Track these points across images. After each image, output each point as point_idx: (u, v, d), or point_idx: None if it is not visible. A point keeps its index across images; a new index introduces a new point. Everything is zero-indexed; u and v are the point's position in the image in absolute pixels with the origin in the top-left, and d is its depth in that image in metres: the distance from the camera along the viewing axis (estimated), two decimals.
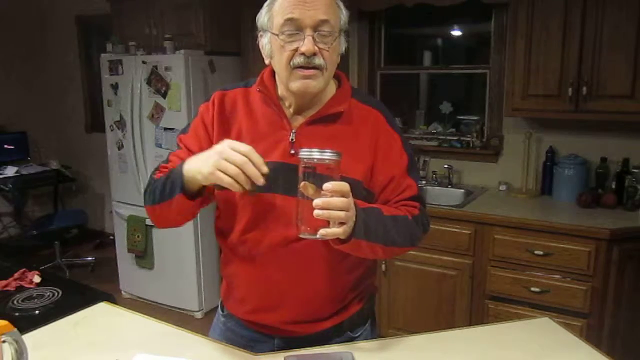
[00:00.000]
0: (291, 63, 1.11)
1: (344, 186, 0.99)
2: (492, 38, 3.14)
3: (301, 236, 1.03)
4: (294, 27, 1.09)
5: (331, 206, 0.98)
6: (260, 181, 0.99)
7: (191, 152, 1.21)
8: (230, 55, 3.56)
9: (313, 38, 1.09)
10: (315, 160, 1.00)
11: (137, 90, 3.47)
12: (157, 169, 1.25)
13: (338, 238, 1.04)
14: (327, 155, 1.00)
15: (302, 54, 1.09)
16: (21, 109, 4.85)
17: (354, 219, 1.03)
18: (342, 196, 0.99)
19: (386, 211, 1.15)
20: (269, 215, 1.17)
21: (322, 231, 1.00)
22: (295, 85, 1.12)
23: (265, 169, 1.00)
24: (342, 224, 1.01)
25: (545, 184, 2.97)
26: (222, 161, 0.99)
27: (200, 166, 1.04)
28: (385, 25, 3.59)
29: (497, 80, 3.13)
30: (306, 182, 1.00)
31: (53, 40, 4.98)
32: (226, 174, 0.99)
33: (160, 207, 1.15)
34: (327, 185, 0.98)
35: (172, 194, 1.10)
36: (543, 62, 2.65)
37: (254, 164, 0.99)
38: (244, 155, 0.99)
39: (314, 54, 1.09)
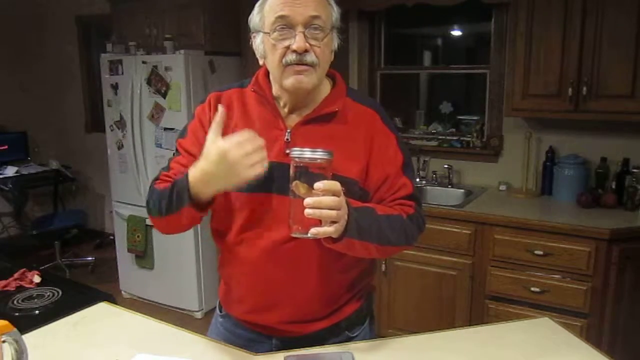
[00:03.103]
0: (283, 61, 1.11)
1: (335, 185, 1.00)
2: (492, 38, 3.14)
3: (293, 235, 1.03)
4: (285, 24, 1.10)
5: (322, 205, 0.98)
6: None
7: (192, 156, 1.21)
8: (230, 55, 3.56)
9: (304, 35, 1.09)
10: (306, 159, 1.00)
11: (137, 90, 3.47)
12: (157, 177, 1.24)
13: (330, 237, 1.04)
14: (319, 154, 1.00)
15: (294, 51, 1.09)
16: (21, 109, 4.85)
17: (346, 218, 1.04)
18: (334, 195, 0.99)
19: (380, 210, 1.15)
20: (264, 215, 1.17)
21: (314, 230, 1.00)
22: (289, 81, 1.13)
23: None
24: (333, 222, 1.01)
25: (545, 184, 2.97)
26: (242, 163, 0.99)
27: (224, 183, 1.04)
28: (385, 25, 3.59)
29: (497, 80, 3.13)
30: (298, 182, 1.00)
31: (53, 41, 4.98)
32: (252, 167, 1.00)
33: (167, 219, 1.16)
34: (318, 185, 0.98)
35: (179, 207, 1.10)
36: (543, 62, 2.65)
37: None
38: (246, 142, 1.00)
39: (306, 51, 1.10)
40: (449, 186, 3.23)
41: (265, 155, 1.01)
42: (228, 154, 0.99)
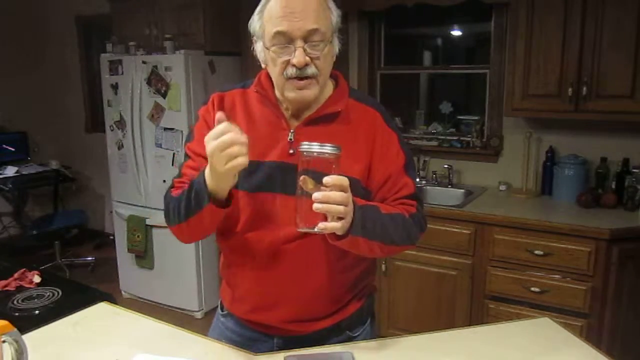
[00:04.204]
0: (284, 74, 1.11)
1: (344, 180, 0.99)
2: (492, 38, 3.14)
3: (299, 230, 1.03)
4: (284, 39, 1.09)
5: (331, 200, 0.98)
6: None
7: (202, 158, 1.20)
8: (230, 55, 3.56)
9: (304, 49, 1.09)
10: (315, 153, 1.00)
11: (137, 90, 3.47)
12: (172, 186, 1.23)
13: (335, 234, 1.04)
14: (328, 149, 1.00)
15: (294, 65, 1.09)
16: (21, 109, 4.85)
17: (352, 215, 1.04)
18: (341, 191, 0.99)
19: (384, 209, 1.15)
20: (268, 214, 1.17)
21: (321, 225, 1.00)
22: (291, 95, 1.13)
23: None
24: (340, 218, 1.01)
25: (545, 184, 2.97)
26: (220, 154, 0.97)
27: (216, 175, 1.02)
28: (385, 25, 3.59)
29: (497, 80, 3.13)
30: (306, 177, 1.00)
31: (53, 40, 4.98)
32: (233, 157, 0.97)
33: (188, 224, 1.13)
34: (327, 179, 0.98)
35: (201, 205, 1.08)
36: (543, 62, 2.65)
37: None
38: (224, 133, 0.97)
39: (306, 65, 1.09)
40: (449, 186, 3.23)
41: (244, 153, 0.98)
42: (207, 144, 0.98)
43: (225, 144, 0.97)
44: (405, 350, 1.23)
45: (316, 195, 0.98)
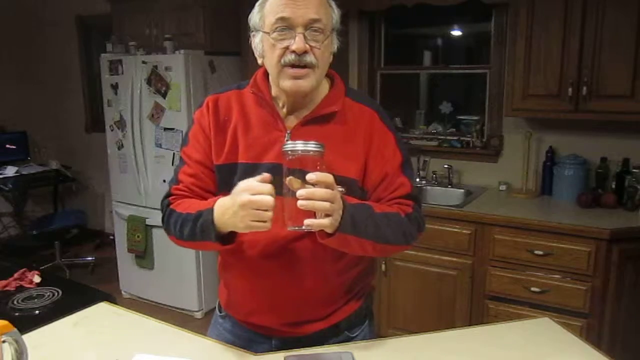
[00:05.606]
0: (282, 61, 1.11)
1: (328, 177, 0.98)
2: (492, 38, 3.14)
3: (289, 229, 1.02)
4: (285, 25, 1.09)
5: (315, 196, 0.97)
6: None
7: (197, 162, 1.21)
8: (230, 55, 3.56)
9: (304, 36, 1.09)
10: (299, 152, 0.99)
11: (137, 90, 3.47)
12: (169, 193, 1.23)
13: (324, 232, 1.03)
14: (311, 146, 0.99)
15: (293, 52, 1.09)
16: (21, 109, 4.85)
17: (341, 212, 1.03)
18: (327, 187, 0.98)
19: (377, 208, 1.14)
20: None
21: (308, 221, 0.99)
22: (287, 84, 1.12)
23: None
24: (328, 216, 1.00)
25: (545, 184, 2.97)
26: (251, 212, 0.99)
27: (233, 222, 1.04)
28: (385, 25, 3.59)
29: (497, 80, 3.13)
30: (292, 177, 0.99)
31: (53, 40, 4.98)
32: (260, 219, 1.00)
33: (190, 244, 1.18)
34: (310, 176, 0.97)
35: (204, 239, 1.11)
36: (543, 62, 2.65)
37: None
38: (266, 193, 0.98)
39: (305, 52, 1.09)
40: (449, 186, 3.23)
41: (271, 219, 1.00)
42: (240, 193, 1.00)
43: (261, 204, 0.98)
44: (405, 350, 1.23)
45: (300, 192, 0.97)
